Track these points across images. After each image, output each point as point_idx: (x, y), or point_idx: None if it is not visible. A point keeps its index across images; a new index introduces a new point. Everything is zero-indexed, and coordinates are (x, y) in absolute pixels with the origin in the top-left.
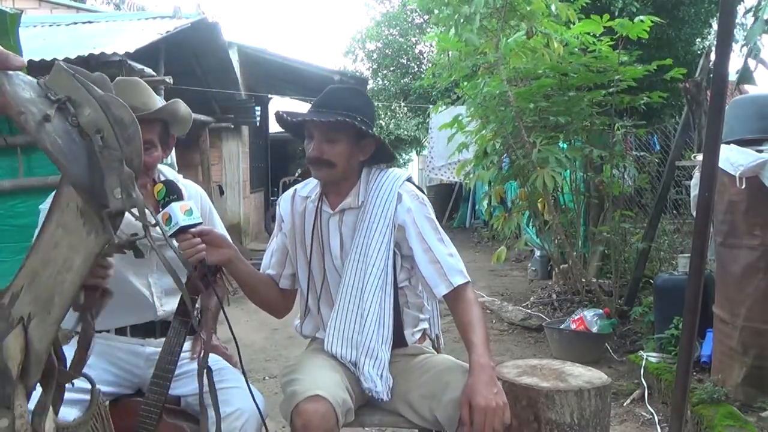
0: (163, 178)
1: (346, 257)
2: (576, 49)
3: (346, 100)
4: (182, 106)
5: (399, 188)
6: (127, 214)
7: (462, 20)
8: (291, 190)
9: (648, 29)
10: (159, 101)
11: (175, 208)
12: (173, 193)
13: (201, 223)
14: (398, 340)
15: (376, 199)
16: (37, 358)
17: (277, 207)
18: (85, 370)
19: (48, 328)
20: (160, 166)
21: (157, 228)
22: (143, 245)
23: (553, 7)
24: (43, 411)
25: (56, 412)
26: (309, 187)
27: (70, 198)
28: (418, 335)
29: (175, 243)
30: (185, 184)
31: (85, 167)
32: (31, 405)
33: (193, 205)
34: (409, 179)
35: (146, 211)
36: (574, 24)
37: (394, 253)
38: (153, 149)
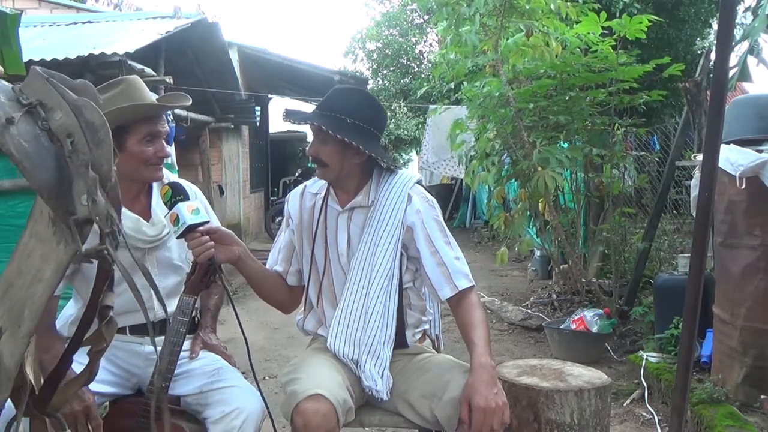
0: (168, 180)
1: (353, 256)
2: (577, 49)
3: (341, 103)
4: (181, 95)
5: (410, 190)
6: (134, 225)
7: (462, 20)
8: (300, 187)
9: (647, 29)
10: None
11: (182, 208)
12: (179, 193)
13: (208, 222)
14: (399, 341)
15: (386, 200)
16: (7, 375)
17: (286, 203)
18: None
19: (18, 343)
20: None
21: (149, 232)
22: (136, 252)
23: (552, 5)
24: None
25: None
26: (319, 183)
27: (44, 206)
28: (418, 335)
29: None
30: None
31: (53, 172)
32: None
33: (200, 204)
34: (419, 182)
35: (114, 218)
36: (576, 22)
37: (401, 254)
38: (167, 142)
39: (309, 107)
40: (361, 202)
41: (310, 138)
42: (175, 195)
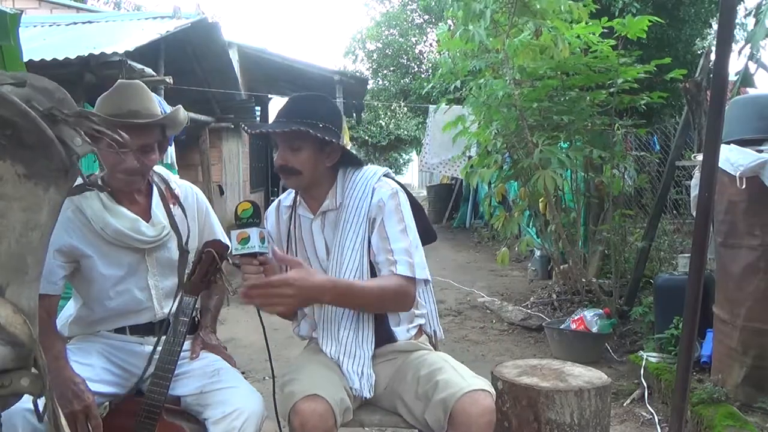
0: (248, 198)
1: (330, 258)
2: (578, 49)
3: (309, 108)
4: (182, 113)
5: (374, 184)
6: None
7: (473, 15)
8: (275, 203)
9: (648, 29)
10: (157, 103)
11: (255, 233)
12: (258, 217)
13: (267, 253)
14: (385, 337)
15: (351, 198)
16: (32, 318)
17: (265, 221)
18: (86, 369)
19: (31, 286)
20: (155, 167)
21: (148, 233)
22: (135, 253)
23: (562, 7)
24: None
25: None
26: (292, 195)
27: (1, 173)
28: (413, 331)
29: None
30: (180, 185)
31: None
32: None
33: (268, 234)
34: (386, 174)
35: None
36: (585, 23)
37: (371, 249)
38: (151, 153)
39: None
40: (330, 205)
41: None
42: (254, 217)
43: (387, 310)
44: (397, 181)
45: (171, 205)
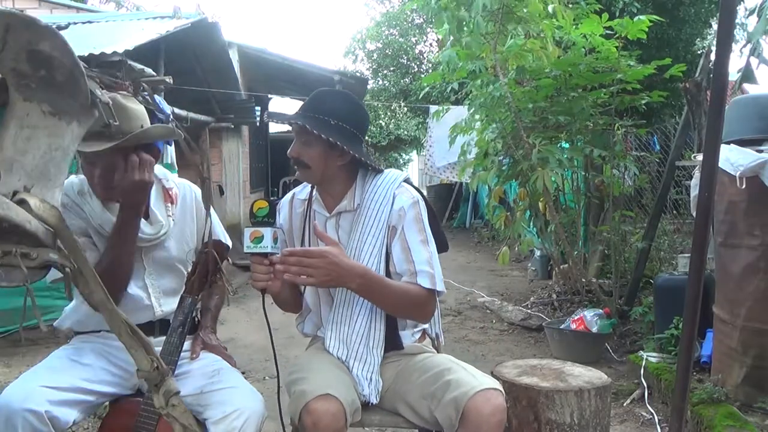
0: (272, 197)
1: None
2: (582, 49)
3: (324, 105)
4: (152, 132)
5: (395, 190)
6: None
7: (461, 24)
8: (290, 194)
9: (648, 29)
10: (136, 114)
11: (269, 233)
12: (273, 216)
13: (278, 254)
14: (394, 343)
15: (371, 202)
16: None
17: (277, 214)
18: (85, 369)
19: (53, 191)
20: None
21: (147, 231)
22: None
23: (550, 8)
24: None
25: None
26: (307, 189)
27: (27, 110)
28: (417, 335)
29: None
30: (180, 184)
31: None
32: None
33: (281, 233)
34: (406, 180)
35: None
36: (576, 26)
37: (388, 256)
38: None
39: None
40: (347, 206)
41: None
42: (270, 216)
43: (402, 316)
44: (415, 187)
45: (169, 204)
